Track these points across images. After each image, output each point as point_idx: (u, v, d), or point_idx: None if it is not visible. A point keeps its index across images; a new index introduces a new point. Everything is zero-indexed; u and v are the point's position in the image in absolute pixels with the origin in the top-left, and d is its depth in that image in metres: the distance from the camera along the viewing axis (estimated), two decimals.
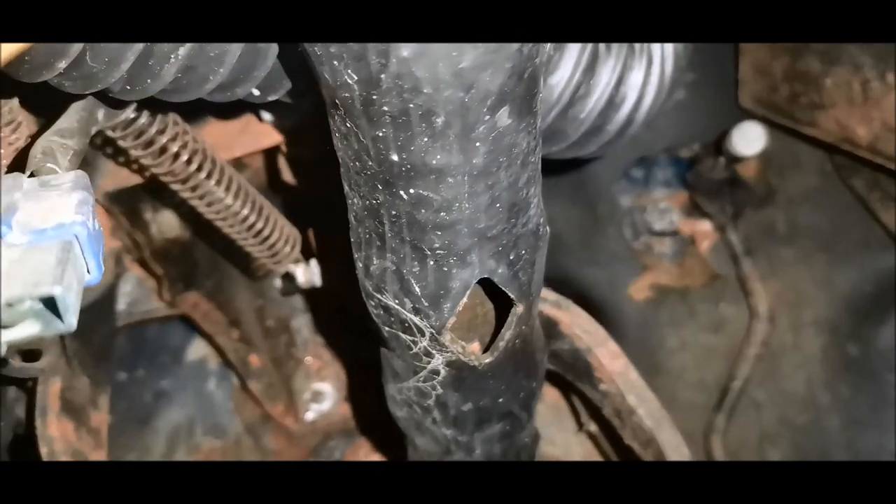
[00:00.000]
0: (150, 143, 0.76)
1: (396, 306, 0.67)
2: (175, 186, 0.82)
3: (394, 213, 0.60)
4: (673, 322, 1.28)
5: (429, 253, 0.62)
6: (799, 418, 1.21)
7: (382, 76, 0.49)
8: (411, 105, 0.51)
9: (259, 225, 0.93)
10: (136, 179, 0.91)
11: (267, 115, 0.85)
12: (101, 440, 0.89)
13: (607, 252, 1.34)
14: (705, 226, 1.35)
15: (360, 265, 0.68)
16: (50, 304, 0.41)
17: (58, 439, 0.84)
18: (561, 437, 1.32)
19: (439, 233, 0.60)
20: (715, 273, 1.31)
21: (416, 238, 0.61)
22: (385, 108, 0.52)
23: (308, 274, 1.01)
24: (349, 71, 0.50)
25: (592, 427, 1.20)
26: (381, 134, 0.54)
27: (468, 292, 0.64)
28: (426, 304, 0.65)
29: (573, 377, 1.01)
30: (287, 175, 0.93)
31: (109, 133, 0.74)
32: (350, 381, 1.34)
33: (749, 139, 1.09)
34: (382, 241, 0.63)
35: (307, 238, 1.04)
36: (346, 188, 0.64)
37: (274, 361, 1.32)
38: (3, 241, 0.43)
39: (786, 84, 1.18)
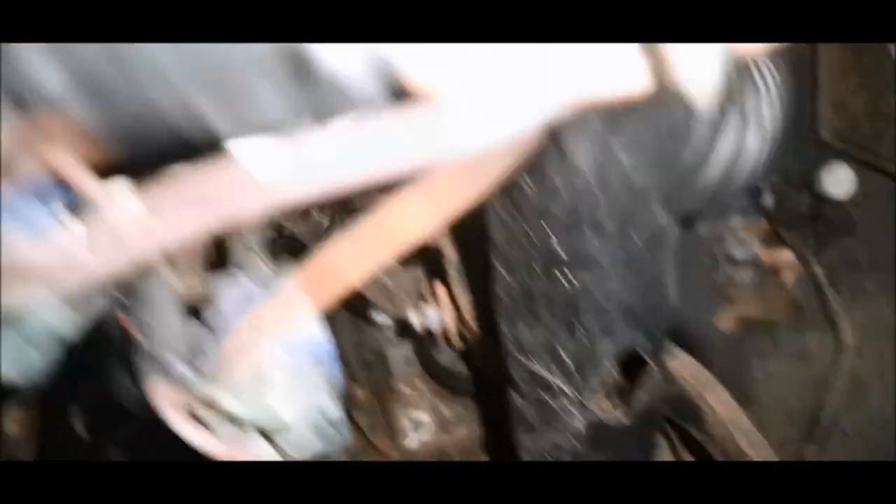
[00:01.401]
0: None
1: (544, 373, 0.73)
2: None
3: (549, 293, 0.67)
4: (759, 353, 1.32)
5: (580, 328, 0.68)
6: (888, 446, 1.24)
7: (556, 179, 0.56)
8: (579, 204, 0.58)
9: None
10: None
11: None
12: None
13: (690, 284, 1.38)
14: (787, 255, 1.38)
15: (508, 333, 0.75)
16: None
17: None
18: None
19: (591, 311, 0.67)
20: (798, 303, 1.35)
21: (569, 316, 0.68)
22: (554, 209, 0.58)
23: (423, 318, 1.08)
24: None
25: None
26: (545, 225, 0.61)
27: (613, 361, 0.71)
28: (573, 371, 0.72)
29: (678, 417, 1.07)
30: None
31: None
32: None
33: (839, 181, 1.13)
34: (535, 317, 0.70)
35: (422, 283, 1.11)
36: (498, 265, 0.71)
37: (375, 393, 1.40)
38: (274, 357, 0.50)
39: (867, 122, 1.21)
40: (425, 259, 1.17)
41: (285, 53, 0.46)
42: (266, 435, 0.44)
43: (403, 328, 1.15)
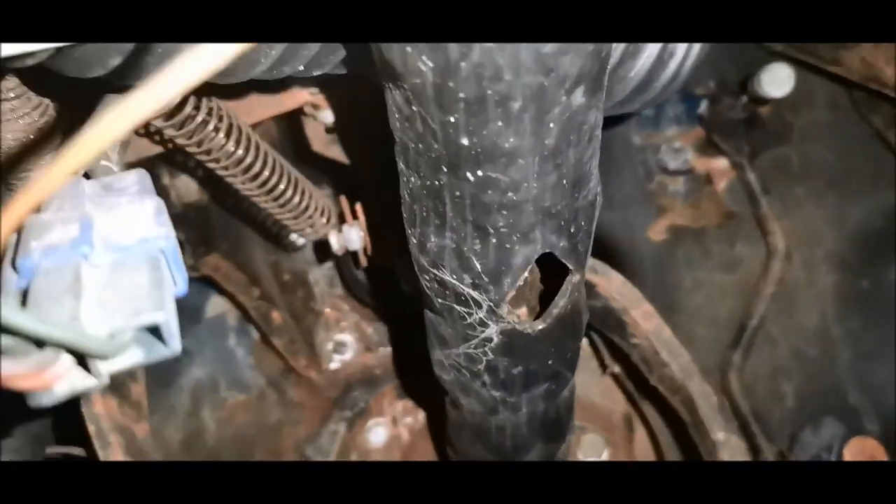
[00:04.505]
0: (183, 123, 0.73)
1: (454, 281, 0.66)
2: (211, 165, 0.80)
3: (457, 193, 0.59)
4: (689, 262, 1.30)
5: (492, 231, 0.61)
6: (811, 352, 1.24)
7: (462, 64, 0.47)
8: (489, 91, 0.49)
9: (296, 199, 0.91)
10: (156, 149, 0.88)
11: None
12: (142, 412, 0.89)
13: (623, 194, 1.34)
14: (721, 163, 1.34)
15: (415, 241, 0.67)
16: (152, 328, 0.39)
17: (103, 416, 0.84)
18: (579, 378, 1.35)
19: (504, 213, 0.59)
20: (730, 211, 1.32)
21: (480, 218, 0.60)
22: (461, 95, 0.49)
23: (341, 240, 0.99)
24: (423, 58, 0.48)
25: (616, 369, 1.23)
26: (452, 119, 0.52)
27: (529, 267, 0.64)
28: (486, 279, 0.65)
29: (603, 327, 1.03)
30: (317, 143, 0.90)
31: None
32: (372, 331, 1.35)
33: (779, 81, 1.08)
34: (442, 220, 0.62)
35: (337, 203, 1.02)
36: (402, 166, 0.62)
37: (294, 315, 1.32)
38: (88, 262, 0.41)
39: None
40: (342, 177, 1.08)
41: None
42: (75, 353, 0.35)
43: (322, 250, 1.06)
